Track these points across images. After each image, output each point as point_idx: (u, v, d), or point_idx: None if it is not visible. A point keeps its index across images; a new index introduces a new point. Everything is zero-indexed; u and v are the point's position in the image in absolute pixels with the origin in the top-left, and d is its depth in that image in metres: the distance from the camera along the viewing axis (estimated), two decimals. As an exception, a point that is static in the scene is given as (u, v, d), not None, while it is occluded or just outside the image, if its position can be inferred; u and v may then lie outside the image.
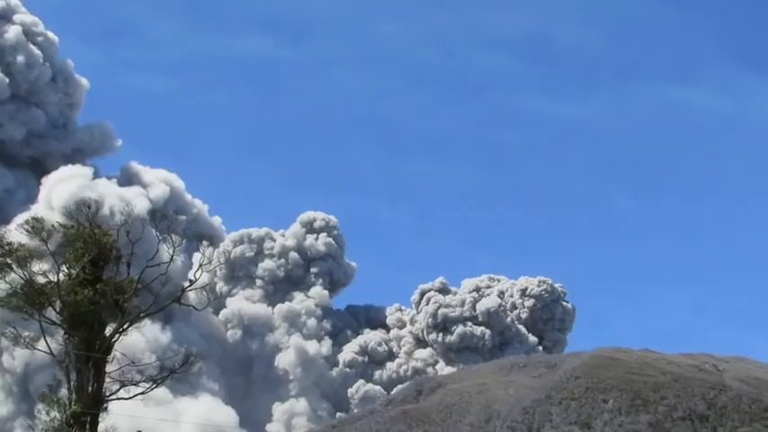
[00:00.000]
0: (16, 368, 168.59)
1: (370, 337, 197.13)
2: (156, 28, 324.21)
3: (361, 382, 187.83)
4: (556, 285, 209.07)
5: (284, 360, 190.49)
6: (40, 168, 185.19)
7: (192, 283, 44.09)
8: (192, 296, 56.07)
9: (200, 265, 44.22)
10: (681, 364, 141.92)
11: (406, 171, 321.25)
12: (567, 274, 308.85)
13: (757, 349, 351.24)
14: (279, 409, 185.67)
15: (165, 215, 47.61)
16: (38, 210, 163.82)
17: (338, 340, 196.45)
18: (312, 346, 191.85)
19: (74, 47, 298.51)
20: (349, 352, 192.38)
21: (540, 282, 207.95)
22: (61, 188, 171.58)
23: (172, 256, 42.68)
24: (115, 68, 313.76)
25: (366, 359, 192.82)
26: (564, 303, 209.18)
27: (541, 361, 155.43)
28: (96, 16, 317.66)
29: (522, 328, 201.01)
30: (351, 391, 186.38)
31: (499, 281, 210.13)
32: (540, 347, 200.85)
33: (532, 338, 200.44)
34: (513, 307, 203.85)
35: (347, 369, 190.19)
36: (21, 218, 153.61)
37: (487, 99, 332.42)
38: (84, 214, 41.85)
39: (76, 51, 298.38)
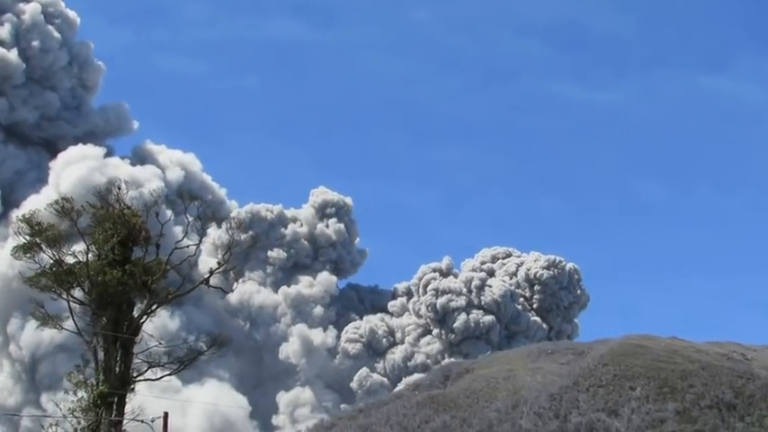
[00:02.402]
0: (24, 357, 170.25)
1: (377, 324, 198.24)
2: (187, 10, 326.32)
3: (365, 371, 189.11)
4: (568, 265, 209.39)
5: (289, 350, 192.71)
6: (53, 150, 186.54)
7: (220, 265, 45.04)
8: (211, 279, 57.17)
9: (229, 248, 44.92)
10: (709, 352, 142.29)
11: (434, 156, 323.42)
12: (594, 260, 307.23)
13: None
14: (284, 399, 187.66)
15: (193, 197, 48.00)
16: (48, 190, 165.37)
17: (342, 324, 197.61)
18: (317, 335, 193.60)
19: (104, 28, 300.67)
20: (354, 341, 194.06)
21: (548, 262, 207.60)
22: (71, 169, 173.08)
23: (201, 239, 43.61)
24: (145, 50, 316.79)
25: (371, 351, 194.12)
26: (575, 288, 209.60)
27: (569, 348, 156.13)
28: None
29: (532, 316, 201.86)
30: (355, 381, 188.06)
31: (504, 262, 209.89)
32: (547, 328, 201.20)
33: (540, 322, 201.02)
34: (519, 286, 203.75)
35: (351, 359, 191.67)
36: (32, 199, 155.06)
37: (517, 85, 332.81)
38: (113, 195, 42.76)
39: (107, 32, 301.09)
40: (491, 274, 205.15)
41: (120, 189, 42.71)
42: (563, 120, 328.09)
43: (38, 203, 77.27)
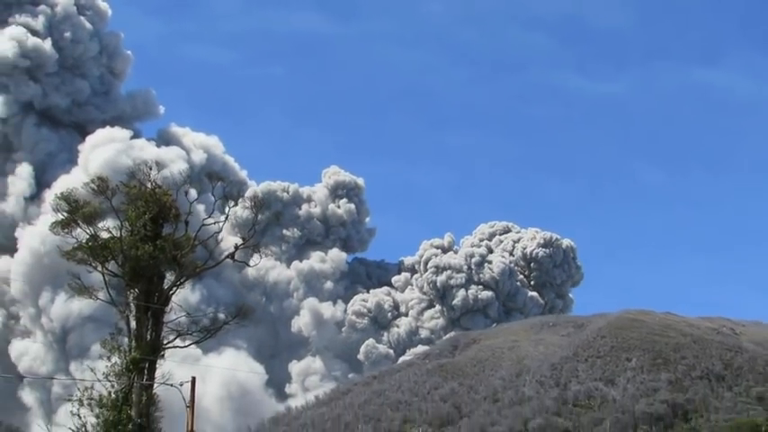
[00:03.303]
0: (55, 328, 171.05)
1: (384, 298, 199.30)
2: (216, 3, 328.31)
3: (371, 342, 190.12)
4: (564, 242, 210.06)
5: (301, 322, 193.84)
6: (83, 133, 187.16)
7: (245, 241, 45.51)
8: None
9: (253, 225, 45.38)
10: (700, 326, 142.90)
11: (445, 141, 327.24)
12: (595, 239, 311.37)
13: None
14: (296, 368, 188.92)
15: (219, 177, 48.26)
16: (77, 171, 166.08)
17: (350, 297, 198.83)
18: (327, 309, 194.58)
19: (137, 19, 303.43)
20: (360, 315, 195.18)
21: (545, 240, 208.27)
22: (99, 151, 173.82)
23: (227, 216, 44.07)
24: (176, 40, 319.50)
25: (377, 325, 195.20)
26: (569, 265, 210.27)
27: (569, 321, 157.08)
28: None
29: (529, 291, 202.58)
30: (362, 352, 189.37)
31: (501, 240, 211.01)
32: (543, 303, 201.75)
33: (537, 298, 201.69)
34: (517, 264, 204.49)
35: (358, 331, 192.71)
36: (62, 179, 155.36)
37: (523, 75, 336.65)
38: (145, 174, 43.24)
39: (140, 23, 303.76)
40: (490, 250, 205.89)
41: (151, 169, 43.22)
42: (566, 108, 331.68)
43: (68, 183, 77.79)
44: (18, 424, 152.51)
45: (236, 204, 45.40)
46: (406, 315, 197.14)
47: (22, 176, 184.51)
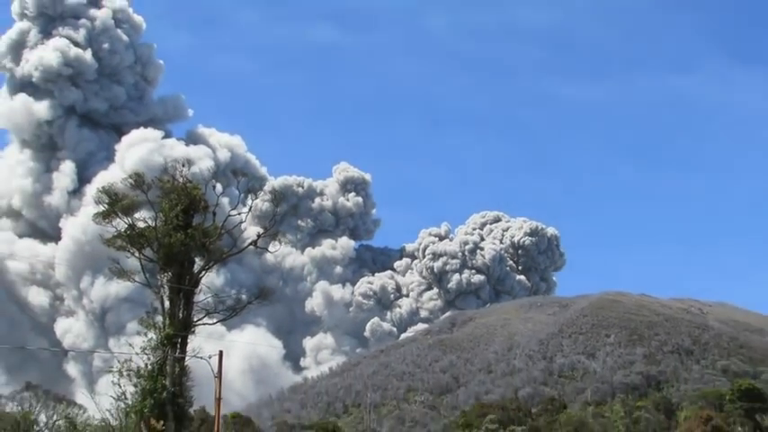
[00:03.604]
0: (95, 308, 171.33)
1: (388, 281, 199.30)
2: (241, 18, 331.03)
3: (376, 321, 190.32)
4: (549, 231, 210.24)
5: (313, 303, 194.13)
6: (119, 134, 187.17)
7: (266, 230, 45.57)
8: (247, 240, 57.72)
9: (273, 216, 45.44)
10: (671, 306, 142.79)
11: (444, 140, 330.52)
12: (578, 229, 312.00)
13: (736, 296, 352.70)
14: (309, 344, 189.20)
15: (243, 173, 48.33)
16: (114, 168, 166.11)
17: (357, 280, 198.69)
18: (337, 291, 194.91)
19: (170, 32, 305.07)
20: (366, 296, 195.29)
21: (531, 229, 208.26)
22: (134, 149, 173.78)
23: (250, 207, 44.11)
24: (205, 50, 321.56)
25: (381, 305, 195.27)
26: (553, 252, 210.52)
27: (555, 301, 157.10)
28: (193, 6, 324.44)
29: (517, 276, 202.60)
30: (367, 329, 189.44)
31: (491, 230, 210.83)
32: (528, 283, 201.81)
33: (524, 281, 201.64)
34: (507, 251, 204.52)
35: (365, 311, 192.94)
36: (101, 175, 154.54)
37: (515, 82, 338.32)
38: (177, 171, 43.27)
39: (172, 35, 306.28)
40: (482, 238, 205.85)
41: (183, 166, 43.24)
42: (553, 112, 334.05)
43: (106, 179, 77.65)
44: (63, 393, 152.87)
45: (257, 198, 45.48)
46: (407, 296, 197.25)
47: (65, 173, 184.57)
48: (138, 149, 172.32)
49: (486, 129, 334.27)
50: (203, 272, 44.45)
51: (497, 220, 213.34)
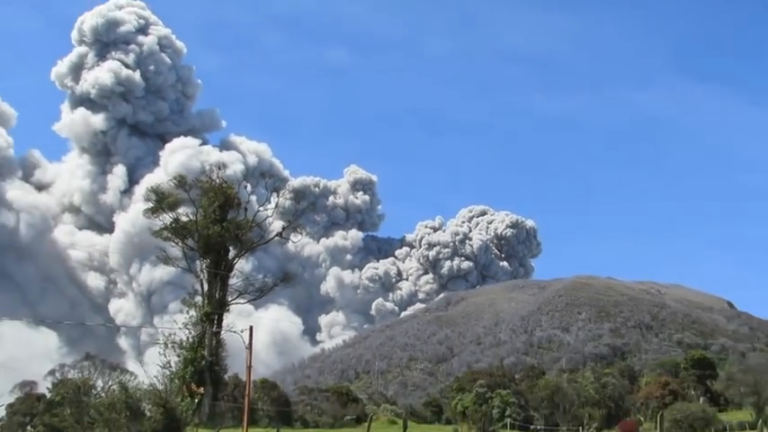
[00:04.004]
0: (142, 291, 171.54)
1: (390, 267, 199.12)
2: (268, 42, 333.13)
3: (380, 301, 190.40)
4: (527, 221, 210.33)
5: (327, 286, 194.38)
6: (163, 141, 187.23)
7: (290, 223, 45.81)
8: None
9: (296, 212, 45.63)
10: (634, 288, 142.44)
11: (439, 146, 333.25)
12: (555, 221, 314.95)
13: (689, 278, 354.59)
14: (324, 321, 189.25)
15: (270, 175, 48.52)
16: (159, 171, 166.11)
17: (364, 265, 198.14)
18: (347, 276, 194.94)
19: (206, 54, 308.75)
20: (372, 279, 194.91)
21: (512, 222, 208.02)
22: (175, 155, 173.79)
23: (277, 204, 44.39)
24: (236, 70, 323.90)
25: (384, 288, 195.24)
26: (530, 242, 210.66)
27: (534, 284, 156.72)
28: (227, 33, 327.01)
29: (500, 262, 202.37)
30: (373, 308, 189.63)
31: (477, 222, 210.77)
32: (510, 268, 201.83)
33: (507, 267, 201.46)
34: (492, 241, 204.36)
35: (371, 292, 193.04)
36: (147, 177, 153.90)
37: (502, 97, 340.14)
38: (215, 173, 43.53)
39: (208, 57, 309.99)
40: (470, 230, 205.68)
41: (219, 169, 43.50)
42: (533, 122, 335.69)
43: (152, 180, 77.76)
44: (117, 362, 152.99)
45: (280, 197, 45.76)
46: (407, 280, 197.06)
47: (117, 175, 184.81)
48: (179, 155, 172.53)
49: (475, 136, 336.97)
50: (236, 259, 44.78)
51: (483, 213, 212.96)
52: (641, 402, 59.18)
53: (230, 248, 44.63)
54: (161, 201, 43.09)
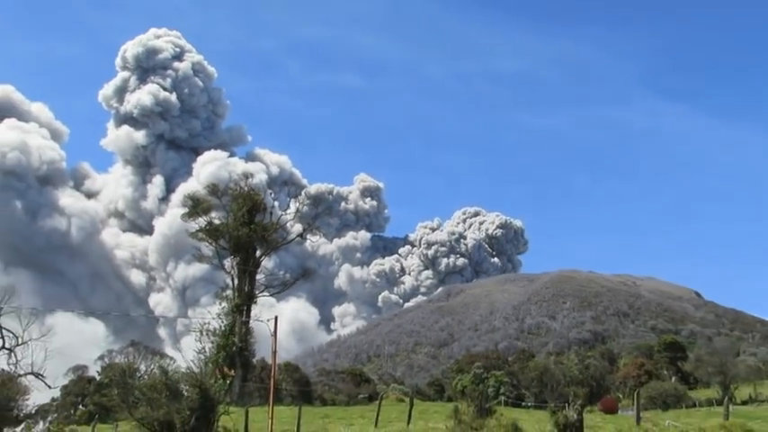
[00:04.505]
0: (178, 286, 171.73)
1: (395, 264, 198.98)
2: (289, 67, 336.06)
3: (386, 294, 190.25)
4: (515, 221, 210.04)
5: (340, 281, 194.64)
6: (196, 154, 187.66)
7: (309, 225, 45.75)
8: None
9: (315, 216, 45.59)
10: (612, 280, 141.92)
11: (438, 158, 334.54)
12: (542, 220, 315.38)
13: (661, 271, 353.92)
14: (337, 311, 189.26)
15: (291, 183, 48.49)
16: (192, 180, 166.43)
17: (371, 262, 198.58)
18: (357, 271, 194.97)
19: (235, 77, 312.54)
20: (379, 274, 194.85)
21: (502, 223, 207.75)
22: (206, 166, 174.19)
23: (297, 209, 44.33)
24: (261, 91, 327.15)
25: (389, 282, 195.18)
26: (518, 241, 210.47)
27: (525, 277, 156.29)
28: (252, 59, 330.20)
29: (492, 259, 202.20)
30: (380, 300, 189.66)
31: (471, 223, 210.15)
32: (500, 264, 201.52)
33: (497, 263, 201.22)
34: (484, 240, 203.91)
35: (378, 286, 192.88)
36: (182, 186, 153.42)
37: (492, 113, 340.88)
38: (243, 182, 43.55)
39: (236, 80, 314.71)
40: (465, 230, 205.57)
41: (247, 178, 43.52)
42: (522, 135, 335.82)
43: (187, 188, 77.78)
44: (157, 348, 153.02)
45: (299, 202, 45.80)
46: (410, 275, 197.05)
47: (156, 184, 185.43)
48: (210, 166, 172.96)
49: (469, 147, 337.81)
50: (263, 257, 44.78)
51: (476, 214, 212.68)
52: (620, 381, 58.95)
53: (257, 248, 44.54)
54: (196, 206, 43.17)
